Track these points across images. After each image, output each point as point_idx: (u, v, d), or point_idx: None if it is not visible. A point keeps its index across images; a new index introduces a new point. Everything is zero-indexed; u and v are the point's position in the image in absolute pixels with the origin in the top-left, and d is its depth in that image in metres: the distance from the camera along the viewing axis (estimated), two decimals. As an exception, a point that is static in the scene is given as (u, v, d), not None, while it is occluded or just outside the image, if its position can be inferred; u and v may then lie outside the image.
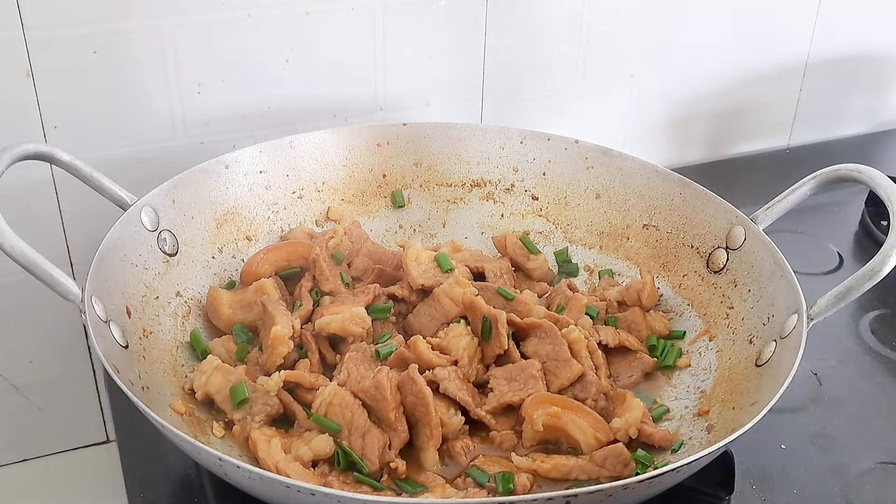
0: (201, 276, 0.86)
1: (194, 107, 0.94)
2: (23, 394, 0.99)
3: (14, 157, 0.72)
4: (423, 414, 0.72)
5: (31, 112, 0.87)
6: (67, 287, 0.70)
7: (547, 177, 0.98)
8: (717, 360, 0.82)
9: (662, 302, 0.90)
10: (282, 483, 0.59)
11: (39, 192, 0.90)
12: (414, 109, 1.04)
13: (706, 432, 0.75)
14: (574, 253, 0.96)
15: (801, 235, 1.08)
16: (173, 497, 0.75)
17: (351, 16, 0.96)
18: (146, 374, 0.74)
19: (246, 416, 0.73)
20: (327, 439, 0.70)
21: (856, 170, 0.80)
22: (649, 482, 0.61)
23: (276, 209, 0.93)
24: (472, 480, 0.70)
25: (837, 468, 0.78)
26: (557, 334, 0.79)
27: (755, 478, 0.76)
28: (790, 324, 0.75)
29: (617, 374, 0.83)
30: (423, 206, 0.99)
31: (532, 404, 0.73)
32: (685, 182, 0.91)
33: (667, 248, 0.92)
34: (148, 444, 0.77)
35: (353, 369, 0.76)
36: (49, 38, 0.84)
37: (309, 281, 0.86)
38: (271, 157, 0.92)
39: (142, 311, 0.78)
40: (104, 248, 0.76)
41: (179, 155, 0.94)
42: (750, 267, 0.84)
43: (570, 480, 0.70)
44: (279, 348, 0.77)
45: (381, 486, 0.69)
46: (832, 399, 0.85)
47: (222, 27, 0.91)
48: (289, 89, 0.97)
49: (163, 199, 0.83)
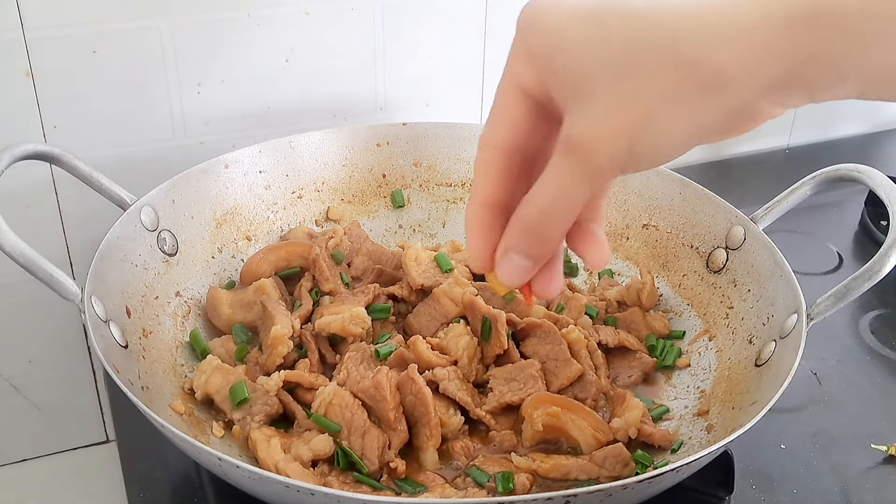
0: (201, 275, 0.87)
1: (194, 107, 0.94)
2: (22, 394, 0.99)
3: (14, 156, 0.72)
4: (422, 414, 0.72)
5: (30, 112, 0.87)
6: (67, 287, 0.70)
7: (547, 177, 0.98)
8: (716, 360, 0.82)
9: (662, 302, 0.90)
10: (281, 483, 0.59)
11: (39, 191, 0.90)
12: (414, 109, 1.04)
13: (706, 432, 0.75)
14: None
15: (800, 235, 1.08)
16: (173, 497, 0.75)
17: (351, 16, 0.96)
18: (146, 373, 0.74)
19: (246, 416, 0.73)
20: (327, 439, 0.70)
21: (855, 170, 0.80)
22: (649, 482, 0.61)
23: (275, 209, 0.93)
24: (471, 480, 0.70)
25: (837, 468, 0.78)
26: (557, 334, 0.79)
27: (755, 478, 0.76)
28: (790, 324, 0.75)
29: (616, 374, 0.83)
30: (423, 205, 0.99)
31: (532, 404, 0.73)
32: (685, 182, 0.91)
33: (666, 248, 0.92)
34: (148, 444, 0.77)
35: (353, 369, 0.76)
36: (49, 38, 0.84)
37: (309, 281, 0.86)
38: (271, 157, 0.92)
39: (141, 311, 0.78)
40: (104, 248, 0.76)
41: (179, 155, 0.94)
42: (750, 267, 0.84)
43: (570, 480, 0.70)
44: (279, 348, 0.77)
45: (381, 486, 0.69)
46: (832, 399, 0.85)
47: (222, 27, 0.91)
48: (289, 89, 0.97)
49: (162, 198, 0.83)
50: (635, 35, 0.39)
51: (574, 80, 0.41)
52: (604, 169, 0.42)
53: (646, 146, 0.40)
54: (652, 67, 0.38)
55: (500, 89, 0.45)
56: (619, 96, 0.39)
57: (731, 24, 0.37)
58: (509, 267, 0.47)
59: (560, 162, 0.42)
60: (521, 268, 0.47)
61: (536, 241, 0.46)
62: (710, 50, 0.37)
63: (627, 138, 0.40)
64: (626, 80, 0.39)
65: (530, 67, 0.43)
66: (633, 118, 0.40)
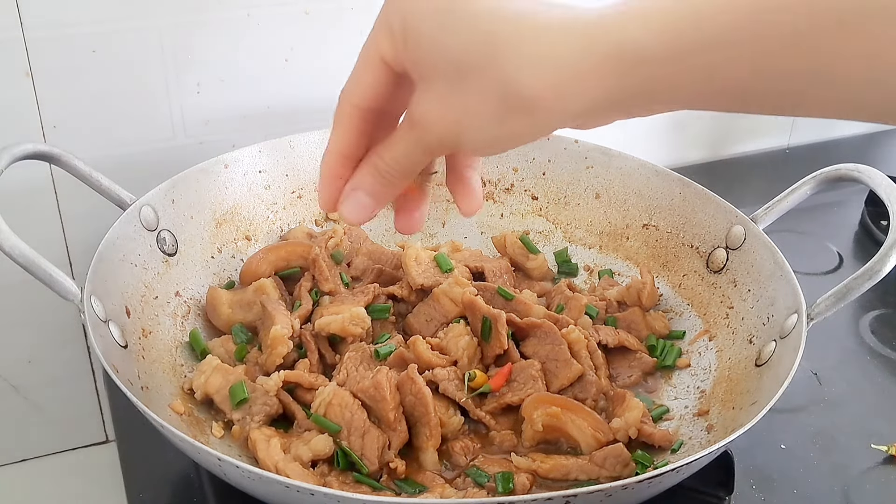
0: (200, 275, 0.86)
1: (194, 107, 0.93)
2: (22, 394, 0.99)
3: (13, 156, 0.72)
4: (422, 414, 0.72)
5: (30, 112, 0.87)
6: (67, 287, 0.70)
7: (546, 176, 0.98)
8: (716, 360, 0.82)
9: (662, 302, 0.90)
10: (281, 483, 0.59)
11: (39, 191, 0.90)
12: (414, 109, 1.04)
13: (706, 432, 0.75)
14: (574, 253, 0.96)
15: (801, 235, 1.08)
16: (173, 497, 0.75)
17: (351, 16, 0.96)
18: (145, 373, 0.74)
19: (245, 416, 0.73)
20: (327, 439, 0.70)
21: (855, 169, 0.80)
22: (649, 482, 0.61)
23: (275, 209, 0.93)
24: (471, 480, 0.70)
25: (837, 468, 0.78)
26: (557, 334, 0.79)
27: (755, 478, 0.76)
28: (790, 323, 0.75)
29: (616, 374, 0.83)
30: (423, 205, 0.99)
31: (532, 404, 0.73)
32: (685, 182, 0.91)
33: (666, 248, 0.92)
34: (147, 444, 0.77)
35: (353, 369, 0.76)
36: (49, 38, 0.84)
37: (308, 281, 0.86)
38: (271, 157, 0.92)
39: (141, 311, 0.78)
40: (103, 248, 0.76)
41: (179, 155, 0.94)
42: (750, 267, 0.84)
43: (570, 480, 0.70)
44: (278, 348, 0.77)
45: (381, 486, 0.69)
46: (832, 399, 0.85)
47: (222, 27, 0.91)
48: (289, 89, 0.97)
49: (162, 198, 0.83)
50: (474, 45, 0.44)
51: (422, 65, 0.47)
52: (434, 146, 0.48)
53: (467, 140, 0.46)
54: (480, 79, 0.44)
55: (363, 53, 0.50)
56: (451, 94, 0.45)
57: (553, 56, 0.42)
58: (354, 203, 0.53)
59: (403, 129, 0.49)
60: (364, 205, 0.53)
61: (380, 184, 0.52)
62: (531, 76, 0.42)
63: (453, 128, 0.46)
64: (459, 83, 0.45)
65: (390, 42, 0.48)
66: (457, 116, 0.46)
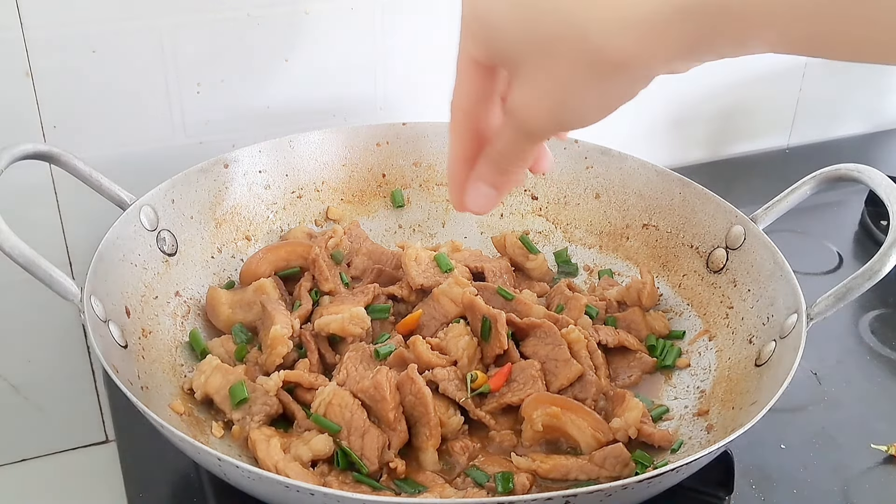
0: (200, 275, 0.86)
1: (194, 107, 0.93)
2: (22, 394, 0.99)
3: (13, 156, 0.72)
4: (422, 414, 0.72)
5: (30, 112, 0.86)
6: (66, 287, 0.70)
7: (546, 176, 0.98)
8: (716, 360, 0.82)
9: (662, 302, 0.90)
10: (281, 483, 0.59)
11: (38, 191, 0.90)
12: (414, 109, 1.04)
13: (706, 432, 0.75)
14: (574, 253, 0.96)
15: (800, 235, 1.08)
16: (173, 497, 0.75)
17: (351, 16, 0.96)
18: (145, 373, 0.74)
19: (245, 416, 0.73)
20: (326, 439, 0.70)
21: (855, 169, 0.80)
22: (649, 482, 0.61)
23: (275, 209, 0.93)
24: (471, 480, 0.70)
25: (837, 468, 0.78)
26: (557, 334, 0.79)
27: (755, 478, 0.76)
28: (790, 323, 0.75)
29: (616, 374, 0.83)
30: (423, 205, 0.99)
31: (531, 404, 0.73)
32: (685, 182, 0.91)
33: (666, 248, 0.92)
34: (147, 444, 0.77)
35: (353, 369, 0.76)
36: (49, 38, 0.84)
37: (308, 281, 0.86)
38: (271, 157, 0.92)
39: (141, 311, 0.78)
40: (103, 248, 0.76)
41: (179, 155, 0.94)
42: (750, 267, 0.84)
43: (570, 480, 0.70)
44: (278, 348, 0.77)
45: (381, 486, 0.69)
46: (832, 399, 0.85)
47: (222, 27, 0.91)
48: (289, 89, 0.97)
49: (162, 198, 0.83)
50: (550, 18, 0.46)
51: (508, 54, 0.49)
52: (535, 132, 0.51)
53: (566, 116, 0.49)
54: (566, 56, 0.46)
55: (458, 63, 0.54)
56: (542, 78, 0.48)
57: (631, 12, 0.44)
58: (476, 194, 0.56)
59: (506, 122, 0.52)
60: (486, 195, 0.56)
61: (497, 174, 0.55)
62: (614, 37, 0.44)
63: (549, 110, 0.49)
64: (546, 60, 0.47)
65: (475, 43, 0.52)
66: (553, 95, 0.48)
